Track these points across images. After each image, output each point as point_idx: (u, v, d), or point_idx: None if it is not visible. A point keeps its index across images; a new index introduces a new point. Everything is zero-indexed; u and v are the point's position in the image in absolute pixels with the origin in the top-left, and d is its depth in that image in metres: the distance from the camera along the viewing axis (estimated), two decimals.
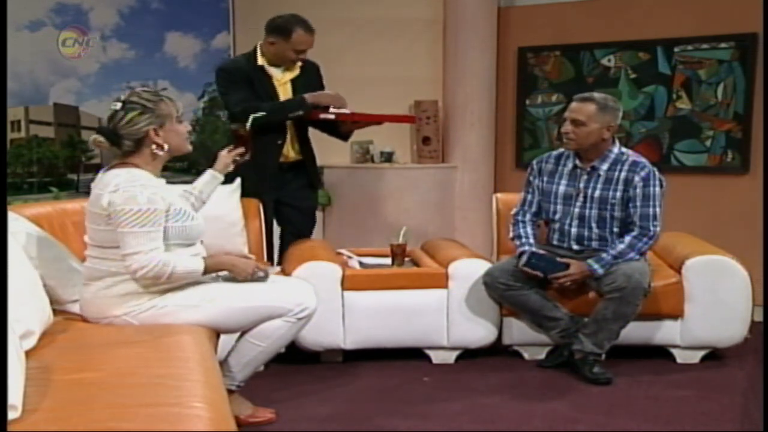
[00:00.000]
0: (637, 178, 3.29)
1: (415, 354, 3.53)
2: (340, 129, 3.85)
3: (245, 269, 2.63)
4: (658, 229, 3.29)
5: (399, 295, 3.45)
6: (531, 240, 3.46)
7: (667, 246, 3.64)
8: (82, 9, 4.49)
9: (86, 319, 2.57)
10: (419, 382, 3.30)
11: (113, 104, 2.51)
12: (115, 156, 2.54)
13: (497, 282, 3.36)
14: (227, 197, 3.50)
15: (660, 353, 3.52)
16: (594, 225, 3.38)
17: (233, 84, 3.71)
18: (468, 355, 3.53)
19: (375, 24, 4.87)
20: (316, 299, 2.70)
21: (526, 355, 3.57)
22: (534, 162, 3.60)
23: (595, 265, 3.27)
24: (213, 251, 2.74)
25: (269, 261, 3.77)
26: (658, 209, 3.29)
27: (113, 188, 2.41)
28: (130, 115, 2.47)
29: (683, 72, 4.44)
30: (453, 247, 3.81)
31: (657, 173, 3.33)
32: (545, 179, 3.50)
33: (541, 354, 3.54)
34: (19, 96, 4.26)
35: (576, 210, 3.41)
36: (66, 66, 4.45)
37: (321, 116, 3.66)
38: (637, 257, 3.27)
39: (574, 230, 3.43)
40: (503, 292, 3.37)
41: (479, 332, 3.49)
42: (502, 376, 3.34)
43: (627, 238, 3.28)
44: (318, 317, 2.78)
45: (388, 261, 3.71)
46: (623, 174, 3.32)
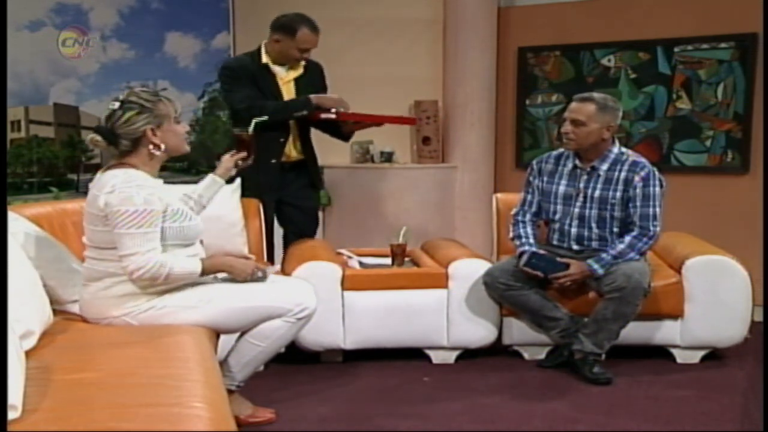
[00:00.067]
0: (637, 178, 3.29)
1: (415, 354, 3.53)
2: (342, 129, 3.87)
3: (244, 270, 2.62)
4: (658, 229, 3.29)
5: (399, 295, 3.45)
6: (531, 240, 3.46)
7: (667, 246, 3.64)
8: (82, 9, 4.48)
9: (86, 320, 2.56)
10: (419, 382, 3.30)
11: (111, 103, 2.50)
12: (113, 156, 2.53)
13: (497, 282, 3.36)
14: (227, 197, 3.50)
15: (660, 353, 3.52)
16: (594, 225, 3.38)
17: (237, 82, 3.71)
18: (468, 355, 3.53)
19: (375, 24, 4.87)
20: (316, 299, 2.70)
21: (526, 355, 3.57)
22: (534, 162, 3.60)
23: (595, 265, 3.27)
24: (213, 251, 2.74)
25: (269, 261, 3.77)
26: (658, 209, 3.29)
27: (110, 189, 2.40)
28: (128, 115, 2.46)
29: (683, 72, 4.44)
30: (453, 247, 3.81)
31: (657, 173, 3.33)
32: (545, 179, 3.50)
33: (541, 354, 3.54)
34: (19, 96, 4.25)
35: (576, 210, 3.41)
36: (66, 66, 4.44)
37: (323, 116, 3.67)
38: (637, 257, 3.27)
39: (574, 230, 3.43)
40: (503, 292, 3.37)
41: (479, 332, 3.49)
42: (502, 376, 3.35)
43: (627, 238, 3.28)
44: (318, 317, 2.78)
45: (388, 261, 3.72)
46: (623, 174, 3.32)
